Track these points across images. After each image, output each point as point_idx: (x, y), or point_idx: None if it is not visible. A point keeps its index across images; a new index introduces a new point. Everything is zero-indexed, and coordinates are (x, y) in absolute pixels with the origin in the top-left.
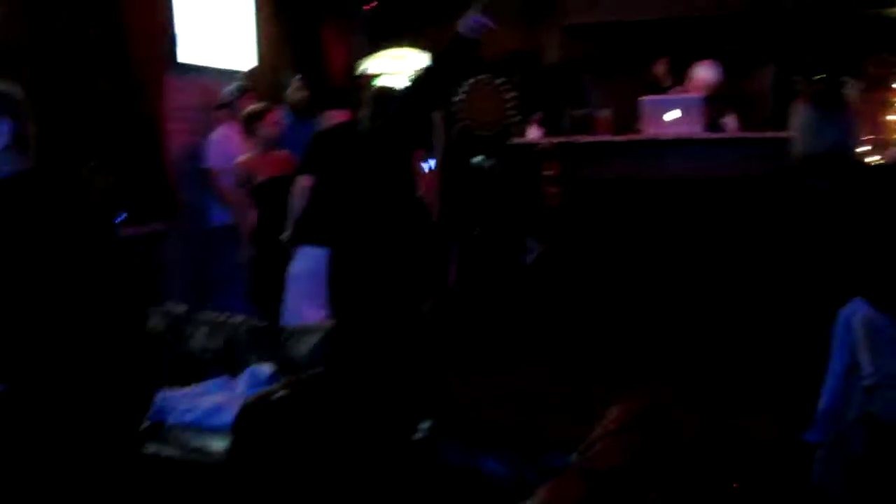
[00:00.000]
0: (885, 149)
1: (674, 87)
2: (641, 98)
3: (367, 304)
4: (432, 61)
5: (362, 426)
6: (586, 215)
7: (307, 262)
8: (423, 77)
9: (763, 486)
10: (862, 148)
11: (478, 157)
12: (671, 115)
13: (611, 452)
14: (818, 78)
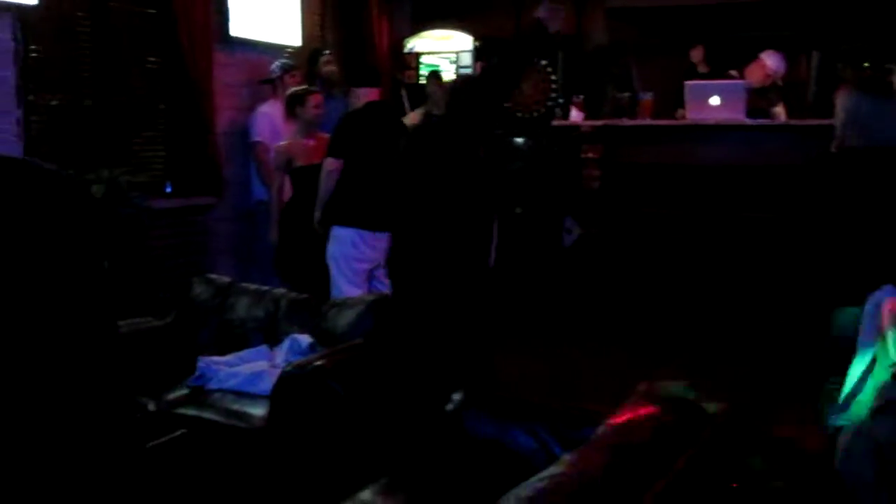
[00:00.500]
0: None
1: (725, 73)
2: (685, 82)
3: (434, 280)
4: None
5: (397, 397)
6: (626, 198)
7: (342, 244)
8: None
9: (786, 471)
10: None
11: (518, 139)
12: (714, 99)
13: (636, 427)
14: (865, 66)
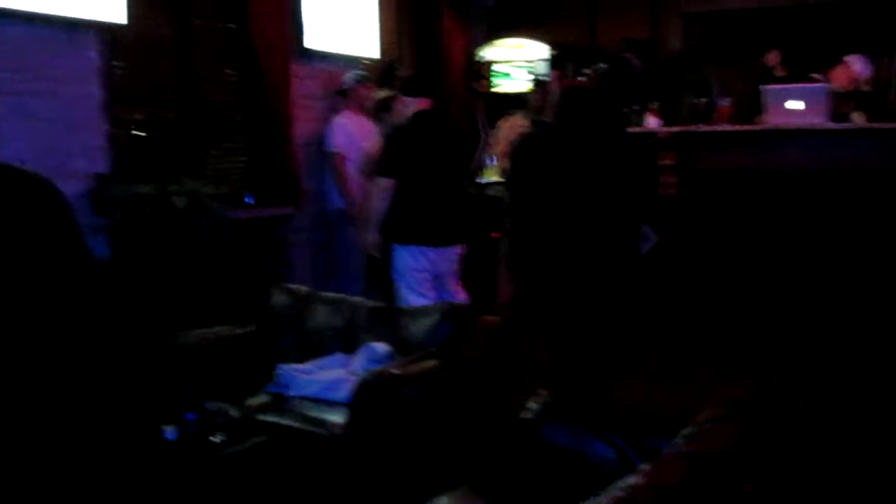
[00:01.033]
0: None
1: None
2: (764, 86)
3: (563, 286)
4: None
5: (474, 406)
6: (704, 206)
7: (404, 259)
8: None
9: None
10: None
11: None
12: (794, 104)
13: (714, 437)
14: None
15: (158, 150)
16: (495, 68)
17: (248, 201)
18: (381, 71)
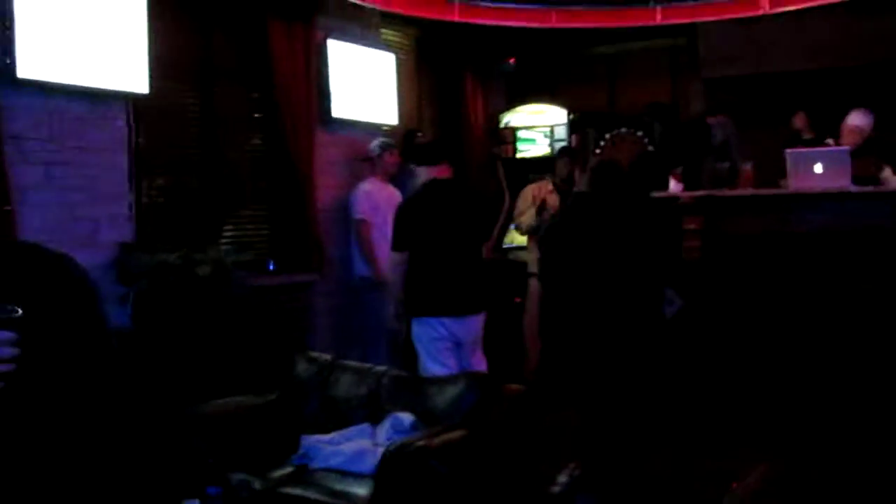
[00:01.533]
0: None
1: (825, 139)
2: (787, 150)
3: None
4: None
5: (502, 477)
6: (728, 269)
7: (424, 329)
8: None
9: None
10: None
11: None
12: (817, 167)
13: None
14: None
15: (182, 218)
16: (520, 135)
17: (272, 268)
18: (401, 137)
